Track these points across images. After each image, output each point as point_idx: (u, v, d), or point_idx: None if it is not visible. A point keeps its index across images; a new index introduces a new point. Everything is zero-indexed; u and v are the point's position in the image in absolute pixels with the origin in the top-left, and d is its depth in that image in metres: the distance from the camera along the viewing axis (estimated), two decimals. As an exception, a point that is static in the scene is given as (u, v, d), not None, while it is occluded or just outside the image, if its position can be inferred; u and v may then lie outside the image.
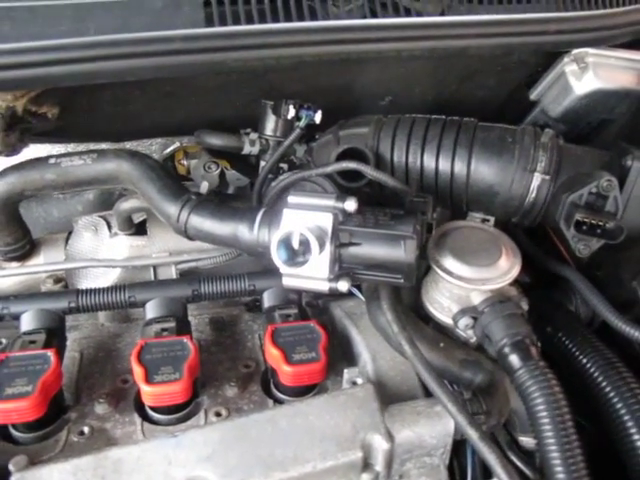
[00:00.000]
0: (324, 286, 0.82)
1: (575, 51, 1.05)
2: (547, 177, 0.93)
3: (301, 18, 0.85)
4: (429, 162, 0.98)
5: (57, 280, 1.04)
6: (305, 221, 0.79)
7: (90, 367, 0.96)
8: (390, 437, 0.77)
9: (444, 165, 0.97)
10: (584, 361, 0.87)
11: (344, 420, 0.78)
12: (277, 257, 0.78)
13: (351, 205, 0.81)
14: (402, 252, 0.80)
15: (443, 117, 1.01)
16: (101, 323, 1.06)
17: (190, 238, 0.91)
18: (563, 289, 1.02)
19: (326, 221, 0.80)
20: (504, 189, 0.95)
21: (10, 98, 0.87)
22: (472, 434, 0.72)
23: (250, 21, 0.84)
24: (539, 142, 0.95)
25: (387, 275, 0.83)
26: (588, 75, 1.05)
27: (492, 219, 0.99)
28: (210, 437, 0.77)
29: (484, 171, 0.96)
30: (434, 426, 0.79)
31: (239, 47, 0.83)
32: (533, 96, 1.14)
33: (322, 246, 0.79)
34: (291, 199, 0.83)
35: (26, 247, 1.06)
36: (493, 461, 0.69)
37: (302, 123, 0.97)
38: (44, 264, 1.05)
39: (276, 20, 0.84)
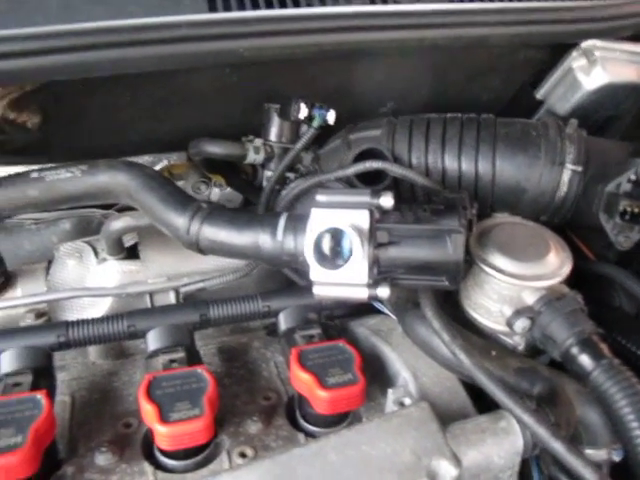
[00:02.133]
0: (363, 293, 0.73)
1: (584, 44, 1.03)
2: (579, 169, 0.88)
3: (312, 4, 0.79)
4: (451, 162, 0.92)
5: (39, 315, 0.90)
6: (339, 220, 0.70)
7: (84, 412, 0.83)
8: (457, 461, 0.66)
9: (467, 164, 0.91)
10: (649, 359, 0.80)
11: (402, 446, 0.67)
12: (314, 260, 0.68)
13: (388, 201, 0.72)
14: (449, 249, 0.72)
15: (459, 115, 0.96)
16: (92, 361, 0.92)
17: (202, 252, 0.80)
18: (603, 288, 0.96)
19: (362, 219, 0.71)
20: (532, 185, 0.90)
21: (-14, 101, 0.76)
22: (559, 447, 0.62)
23: (256, 6, 0.77)
24: (564, 134, 0.91)
25: (429, 278, 0.75)
26: (597, 70, 1.03)
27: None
28: (247, 480, 0.64)
29: (510, 168, 0.90)
30: (502, 444, 0.69)
31: (253, 34, 0.75)
32: (539, 95, 1.11)
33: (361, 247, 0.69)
34: (319, 197, 0.73)
35: (0, 279, 0.92)
36: (590, 475, 0.60)
37: (316, 123, 0.89)
38: (24, 297, 0.90)
39: (284, 6, 0.78)
